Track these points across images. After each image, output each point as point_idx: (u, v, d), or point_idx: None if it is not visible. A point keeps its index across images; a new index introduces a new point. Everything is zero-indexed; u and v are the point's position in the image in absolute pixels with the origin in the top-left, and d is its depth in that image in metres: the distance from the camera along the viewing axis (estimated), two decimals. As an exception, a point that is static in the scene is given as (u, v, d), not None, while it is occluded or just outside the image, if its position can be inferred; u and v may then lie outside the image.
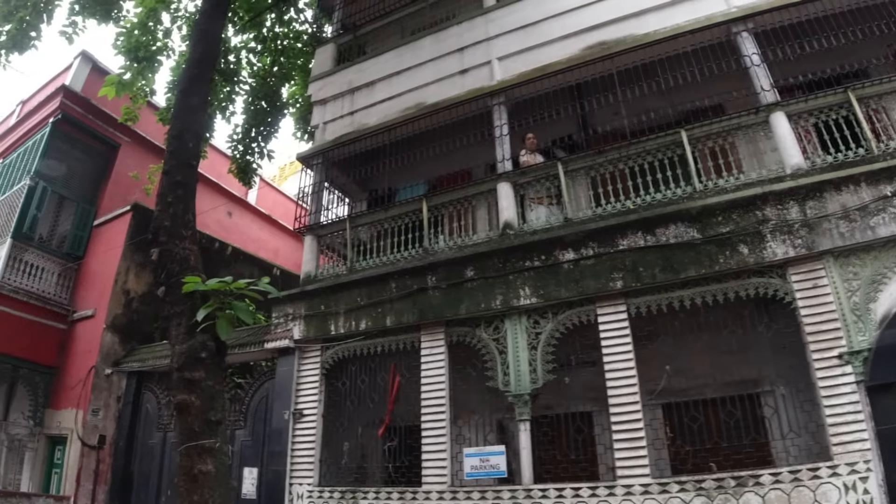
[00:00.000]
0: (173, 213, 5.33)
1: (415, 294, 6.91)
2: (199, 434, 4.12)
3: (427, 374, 6.64)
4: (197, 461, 4.02)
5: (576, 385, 6.46)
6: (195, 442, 4.12)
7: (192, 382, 4.29)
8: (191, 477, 3.98)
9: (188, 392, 4.26)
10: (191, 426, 4.14)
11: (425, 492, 6.22)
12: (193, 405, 4.20)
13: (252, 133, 11.24)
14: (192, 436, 4.12)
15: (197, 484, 3.94)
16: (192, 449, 4.07)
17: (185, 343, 4.46)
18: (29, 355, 9.56)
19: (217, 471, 4.05)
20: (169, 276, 4.90)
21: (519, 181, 7.15)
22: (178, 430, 4.20)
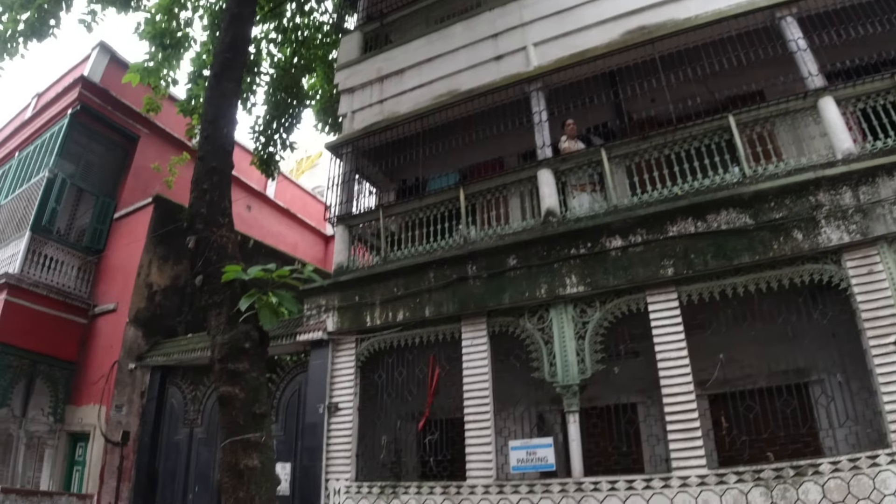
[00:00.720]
0: (209, 200, 5.15)
1: (454, 284, 6.73)
2: (244, 428, 3.93)
3: (469, 365, 6.45)
4: (242, 456, 3.83)
5: (620, 376, 6.28)
6: (240, 436, 3.94)
7: (236, 374, 4.11)
8: (236, 473, 3.79)
9: (232, 384, 4.08)
10: (235, 420, 3.96)
11: (470, 486, 6.03)
12: (237, 398, 4.02)
13: (274, 125, 11.07)
14: (236, 429, 3.93)
15: (242, 480, 3.75)
16: (236, 443, 3.89)
17: (227, 333, 4.27)
18: (49, 350, 9.37)
19: (263, 466, 3.87)
20: (206, 265, 4.72)
21: (560, 168, 6.98)
22: (222, 425, 4.01)
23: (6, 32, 8.47)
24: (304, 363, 7.55)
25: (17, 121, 12.13)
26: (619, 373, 6.22)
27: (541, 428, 7.12)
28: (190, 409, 8.55)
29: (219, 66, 5.83)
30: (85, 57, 10.99)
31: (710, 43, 6.89)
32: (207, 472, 7.98)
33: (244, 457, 3.85)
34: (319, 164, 16.78)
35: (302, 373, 7.53)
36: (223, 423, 4.02)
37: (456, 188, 7.31)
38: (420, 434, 7.08)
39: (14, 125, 12.10)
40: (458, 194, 7.25)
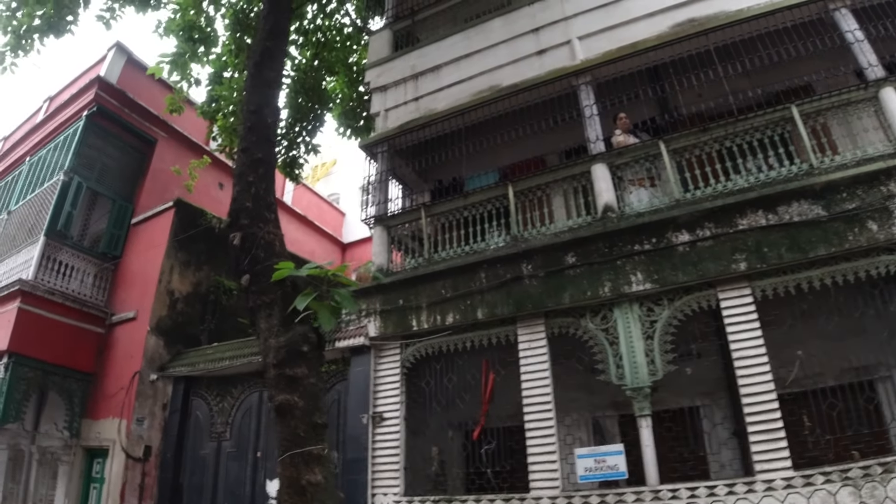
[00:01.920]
0: (255, 194, 4.83)
1: (508, 284, 6.39)
2: (305, 439, 3.56)
3: (527, 369, 6.10)
4: (304, 471, 3.46)
5: (679, 380, 5.98)
6: (301, 448, 3.56)
7: (294, 380, 3.75)
8: (298, 489, 3.41)
9: (290, 391, 3.71)
10: (295, 431, 3.59)
11: (534, 498, 5.65)
12: (297, 406, 3.65)
13: (296, 128, 10.77)
14: (296, 441, 3.56)
15: (305, 497, 3.37)
16: (297, 457, 3.51)
17: (283, 336, 3.91)
18: (64, 361, 8.89)
19: (326, 481, 3.49)
20: (254, 263, 4.37)
21: (616, 162, 6.69)
22: (281, 436, 3.62)
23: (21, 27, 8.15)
24: (344, 371, 7.15)
25: (27, 125, 11.74)
26: (679, 376, 5.91)
27: (597, 435, 6.76)
28: (217, 422, 8.09)
29: (259, 55, 5.56)
30: (101, 58, 10.65)
31: (758, 36, 6.71)
32: (238, 489, 7.51)
33: (306, 471, 3.47)
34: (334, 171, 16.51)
35: (341, 381, 7.13)
36: (282, 435, 3.64)
37: (503, 185, 7.00)
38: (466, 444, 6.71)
39: (24, 129, 11.71)
40: (507, 191, 6.94)
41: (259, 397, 7.77)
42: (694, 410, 6.41)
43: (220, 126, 9.40)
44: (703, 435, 6.37)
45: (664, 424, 6.24)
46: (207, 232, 9.80)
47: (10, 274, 9.49)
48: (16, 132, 12.19)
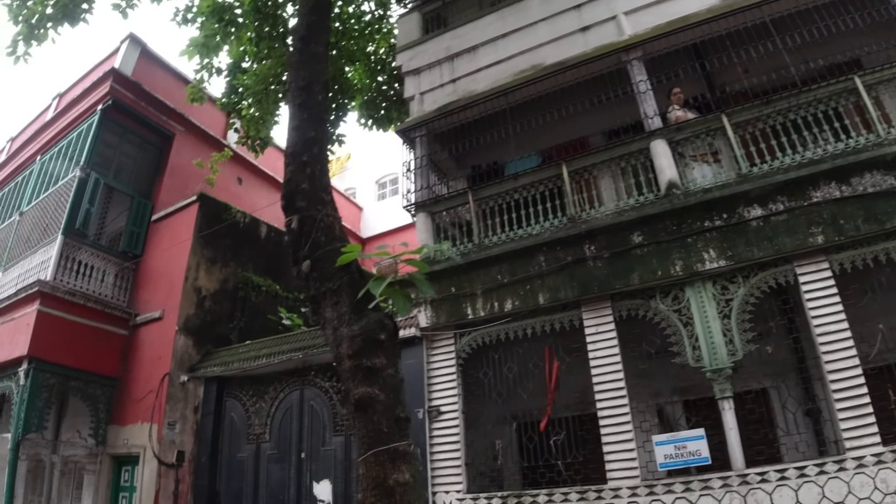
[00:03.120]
0: (310, 174, 4.48)
1: (570, 266, 6.10)
2: (389, 435, 3.22)
3: (596, 354, 5.80)
4: (390, 469, 3.11)
5: (746, 361, 5.71)
6: (385, 445, 3.22)
7: (373, 372, 3.41)
8: (385, 490, 3.06)
9: (370, 383, 3.37)
10: (378, 426, 3.24)
11: (613, 489, 5.34)
12: (378, 400, 3.31)
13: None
14: (380, 438, 3.21)
15: (394, 499, 3.03)
16: (382, 455, 3.16)
17: (357, 324, 3.56)
18: (87, 366, 8.46)
19: (414, 480, 3.16)
20: (314, 248, 4.03)
21: (675, 138, 6.42)
22: (362, 433, 3.27)
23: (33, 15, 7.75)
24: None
25: (36, 124, 11.28)
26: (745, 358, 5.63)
27: (661, 423, 6.47)
28: (254, 423, 7.71)
29: (305, 29, 5.23)
30: (113, 51, 10.24)
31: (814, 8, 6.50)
32: (281, 492, 7.13)
33: (393, 470, 3.12)
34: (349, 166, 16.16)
35: (391, 375, 6.76)
36: (364, 432, 3.29)
37: (556, 165, 6.71)
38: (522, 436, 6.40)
39: (33, 129, 11.25)
40: (560, 171, 6.65)
41: (300, 396, 7.40)
42: (762, 392, 6.16)
43: (246, 116, 9.01)
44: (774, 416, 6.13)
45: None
46: (232, 227, 9.42)
47: (25, 277, 9.06)
48: (23, 133, 11.74)
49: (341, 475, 6.72)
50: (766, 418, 6.14)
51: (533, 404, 6.33)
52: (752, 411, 5.87)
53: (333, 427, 6.98)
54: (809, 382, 5.99)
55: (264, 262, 9.75)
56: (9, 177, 11.37)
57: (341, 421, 6.94)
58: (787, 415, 6.04)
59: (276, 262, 9.91)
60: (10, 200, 10.88)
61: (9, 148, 11.95)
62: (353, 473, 6.65)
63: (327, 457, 6.91)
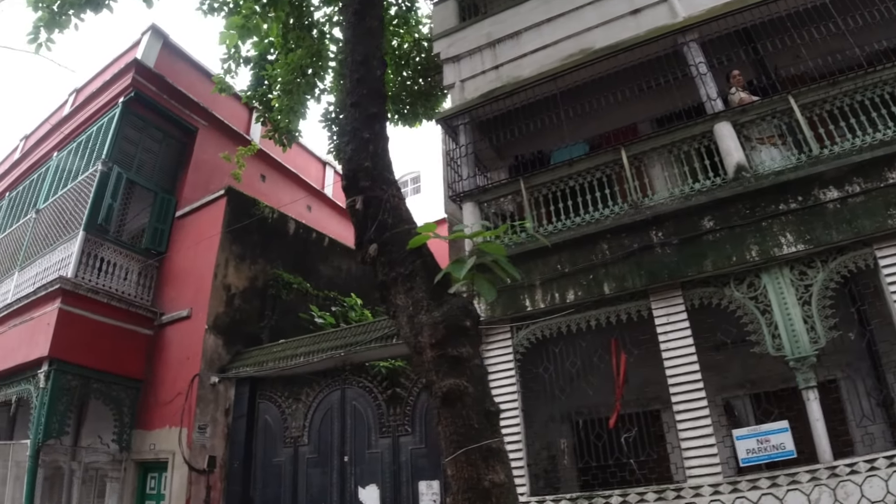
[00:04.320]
0: (373, 152, 4.17)
1: (637, 254, 5.78)
2: (480, 431, 2.87)
3: (669, 346, 5.46)
4: (484, 469, 2.75)
5: None
6: (477, 443, 2.87)
7: (460, 362, 3.06)
8: (480, 493, 2.70)
9: (457, 375, 3.02)
10: (467, 422, 2.89)
11: (693, 487, 4.99)
12: (467, 392, 2.96)
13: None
14: (470, 435, 2.86)
15: (490, 502, 2.67)
16: (474, 453, 2.81)
17: (438, 310, 3.22)
18: (110, 367, 8.06)
19: (509, 480, 2.81)
20: (381, 230, 3.70)
21: (739, 120, 6.14)
22: (450, 430, 2.92)
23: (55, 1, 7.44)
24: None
25: (51, 121, 10.92)
26: None
27: (730, 416, 6.15)
28: (291, 426, 7.31)
29: (359, 3, 4.94)
30: (135, 42, 9.93)
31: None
32: (323, 499, 6.73)
33: (487, 470, 2.76)
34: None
35: (441, 372, 6.41)
36: (452, 428, 2.93)
37: (616, 149, 6.41)
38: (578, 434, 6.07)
39: (48, 126, 10.90)
40: (619, 156, 6.35)
41: (341, 396, 7.02)
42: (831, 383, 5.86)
43: (276, 106, 8.71)
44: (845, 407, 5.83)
45: (798, 402, 5.71)
46: (260, 223, 9.07)
47: (43, 275, 8.67)
48: (37, 130, 11.39)
49: (389, 479, 6.33)
50: (837, 409, 5.85)
51: (598, 400, 5.99)
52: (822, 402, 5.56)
53: (379, 428, 6.59)
54: (881, 372, 5.71)
55: (293, 260, 9.39)
56: (23, 175, 11.00)
57: (388, 422, 6.56)
58: (858, 406, 5.77)
59: (304, 260, 9.56)
60: (24, 199, 10.50)
61: (23, 146, 11.59)
62: (402, 477, 6.26)
63: (373, 460, 6.52)
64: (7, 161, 11.98)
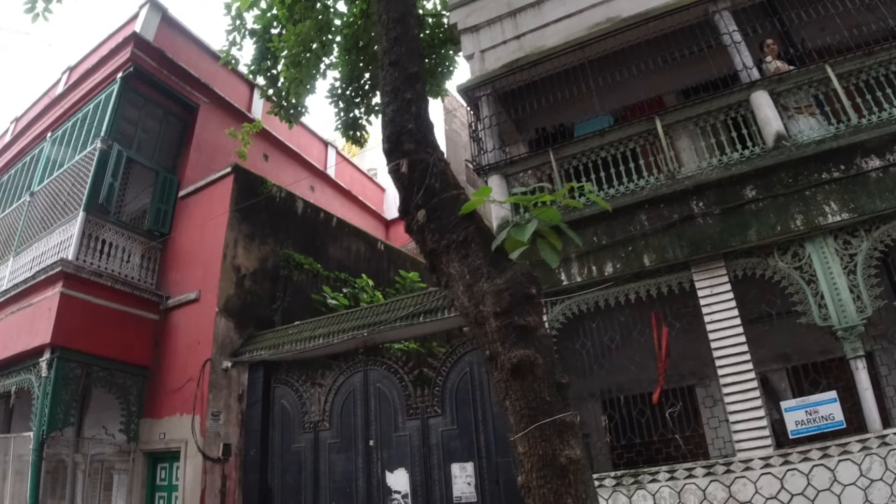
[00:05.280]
0: (416, 113, 3.94)
1: (678, 225, 5.59)
2: (552, 404, 2.66)
3: (713, 318, 5.31)
4: (559, 444, 2.53)
5: None
6: (550, 417, 2.65)
7: (528, 331, 2.85)
8: (556, 469, 2.47)
9: (526, 344, 2.80)
10: (539, 394, 2.67)
11: (743, 461, 4.87)
12: (537, 364, 2.75)
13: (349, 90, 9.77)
14: (542, 408, 2.64)
15: (567, 479, 2.44)
16: (547, 428, 2.59)
17: (501, 277, 3.00)
18: (115, 354, 7.68)
19: (584, 456, 2.60)
20: (428, 196, 3.46)
21: (776, 89, 5.97)
22: (520, 403, 2.69)
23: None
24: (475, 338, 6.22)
25: (43, 101, 10.40)
26: None
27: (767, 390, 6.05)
28: (310, 410, 7.03)
29: None
30: (132, 16, 9.45)
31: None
32: (347, 485, 6.48)
33: (562, 445, 2.54)
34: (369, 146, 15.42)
35: (471, 351, 6.19)
36: (523, 402, 2.70)
37: (651, 119, 6.21)
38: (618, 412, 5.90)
39: (40, 106, 10.37)
40: (654, 125, 6.16)
41: (363, 378, 6.76)
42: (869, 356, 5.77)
43: (285, 77, 8.35)
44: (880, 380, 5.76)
45: (832, 374, 5.64)
46: (268, 202, 8.72)
47: (41, 259, 8.23)
48: (28, 112, 10.85)
49: (419, 463, 6.10)
50: (873, 382, 5.76)
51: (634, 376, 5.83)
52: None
53: (406, 410, 6.35)
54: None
55: (302, 240, 9.06)
56: (14, 158, 10.47)
57: (415, 403, 6.32)
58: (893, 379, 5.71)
59: (313, 240, 9.24)
60: (16, 183, 9.99)
61: (13, 129, 11.04)
62: (433, 460, 6.04)
63: (401, 443, 6.29)
64: (-3, 144, 11.44)
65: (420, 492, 6.01)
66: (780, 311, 5.37)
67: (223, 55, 8.35)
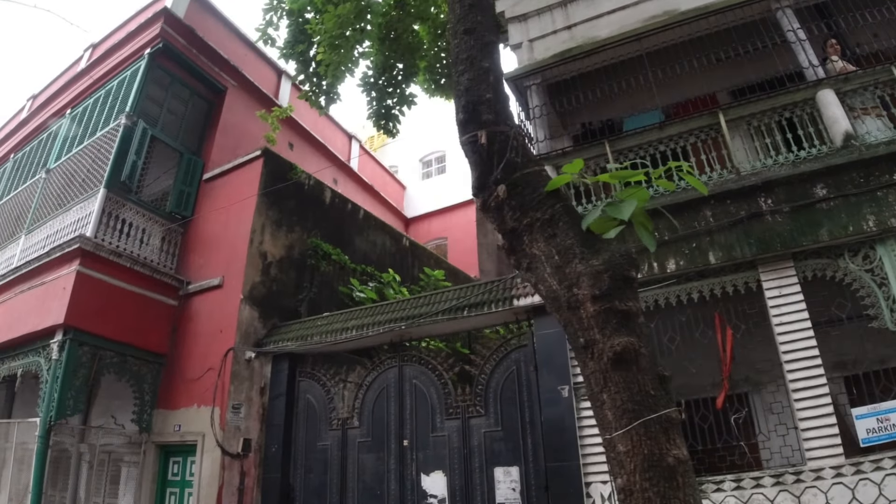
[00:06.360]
0: (494, 84, 3.65)
1: (745, 221, 5.34)
2: (657, 399, 2.34)
3: (781, 321, 5.03)
4: (666, 443, 2.20)
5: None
6: (655, 412, 2.35)
7: (629, 317, 2.53)
8: (664, 471, 2.14)
9: (628, 332, 2.50)
10: (643, 387, 2.35)
11: (813, 470, 4.57)
12: (641, 353, 2.45)
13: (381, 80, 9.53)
14: (647, 403, 2.31)
15: (675, 482, 2.12)
16: (653, 425, 2.27)
17: (598, 258, 2.71)
18: (130, 339, 7.29)
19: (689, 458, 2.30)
20: (509, 170, 3.18)
21: (842, 89, 5.77)
22: (623, 397, 2.37)
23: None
24: (521, 336, 5.91)
25: (63, 78, 10.06)
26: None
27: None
28: (338, 407, 6.66)
29: None
30: (161, -8, 9.15)
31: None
32: (378, 487, 6.10)
33: (669, 444, 2.21)
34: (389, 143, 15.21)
35: (518, 349, 5.87)
36: (623, 395, 2.38)
37: (714, 113, 5.99)
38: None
39: (60, 83, 10.03)
40: (717, 119, 5.93)
41: (397, 374, 6.41)
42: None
43: (324, 61, 8.08)
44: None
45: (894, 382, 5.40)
46: (297, 189, 8.39)
47: (55, 237, 7.84)
48: (48, 88, 10.51)
49: (458, 465, 5.74)
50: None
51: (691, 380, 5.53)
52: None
53: (445, 409, 6.00)
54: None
55: (329, 230, 8.73)
56: (30, 135, 10.12)
57: (455, 402, 5.97)
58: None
59: (340, 231, 8.91)
60: (32, 160, 9.61)
61: (30, 106, 10.67)
62: (474, 463, 5.68)
63: (438, 444, 5.93)
64: (12, 122, 11.04)
65: (459, 496, 5.64)
66: (831, 318, 5.11)
67: (260, 32, 8.08)
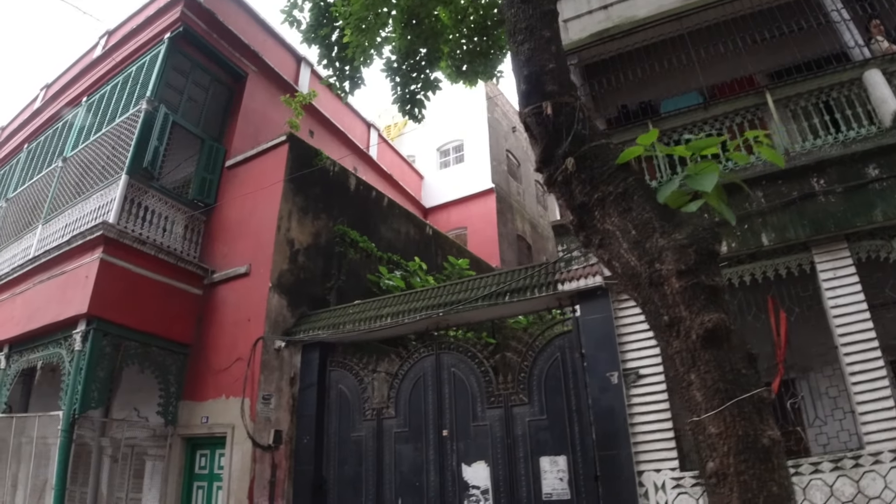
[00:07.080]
0: (556, 53, 3.52)
1: (797, 202, 5.23)
2: (748, 378, 2.23)
3: (837, 303, 4.92)
4: (759, 424, 2.11)
5: None
6: (748, 392, 2.23)
7: (717, 293, 2.42)
8: (759, 451, 2.04)
9: (717, 308, 2.38)
10: (734, 366, 2.25)
11: (872, 454, 4.47)
12: (732, 330, 2.34)
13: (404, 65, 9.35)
14: (739, 382, 2.21)
15: (770, 464, 2.02)
16: (746, 405, 2.16)
17: (681, 231, 2.58)
18: (155, 329, 7.11)
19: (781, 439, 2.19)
20: (577, 143, 3.05)
21: (889, 69, 5.67)
22: (714, 376, 2.25)
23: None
24: (566, 321, 5.78)
25: (78, 66, 9.84)
26: None
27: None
28: (372, 396, 6.51)
29: None
30: (180, -24, 8.94)
31: None
32: (416, 478, 5.95)
33: (763, 424, 2.12)
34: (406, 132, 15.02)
35: (562, 335, 5.73)
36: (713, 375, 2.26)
37: (761, 92, 5.88)
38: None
39: (74, 72, 9.81)
40: (765, 99, 5.82)
41: (435, 362, 6.26)
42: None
43: (352, 42, 7.91)
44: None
45: None
46: (322, 175, 8.22)
47: (75, 226, 7.64)
48: (62, 77, 10.29)
49: (501, 455, 5.60)
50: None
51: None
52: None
53: (487, 398, 5.85)
54: None
55: (355, 217, 8.56)
56: (45, 124, 9.91)
57: (497, 390, 5.83)
58: None
59: (366, 219, 8.75)
60: (47, 149, 9.40)
61: (43, 95, 10.44)
62: (518, 453, 5.54)
63: (480, 434, 5.78)
64: (25, 112, 10.81)
65: (503, 487, 5.50)
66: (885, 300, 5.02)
67: (285, 13, 7.90)
